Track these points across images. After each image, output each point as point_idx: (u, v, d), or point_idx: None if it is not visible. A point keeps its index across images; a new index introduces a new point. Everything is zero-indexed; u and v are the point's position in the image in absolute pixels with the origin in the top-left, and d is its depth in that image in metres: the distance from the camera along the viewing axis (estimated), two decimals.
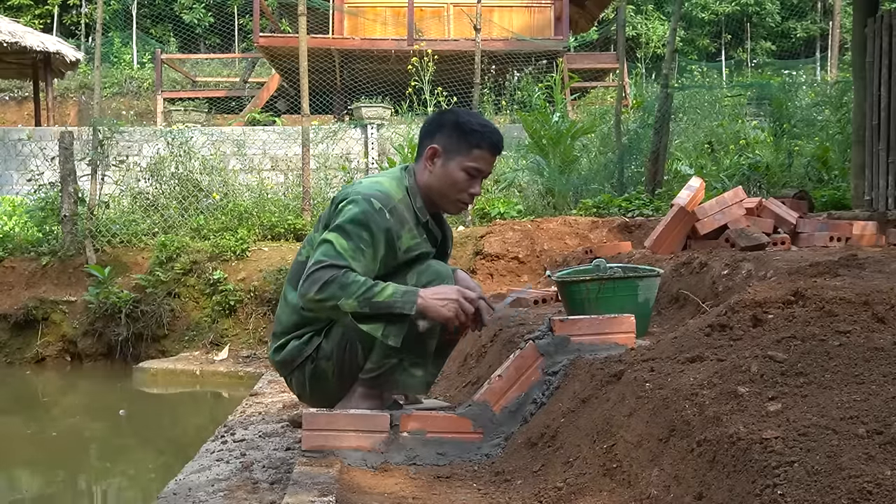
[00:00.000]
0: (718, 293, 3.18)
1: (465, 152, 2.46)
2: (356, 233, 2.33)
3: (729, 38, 25.61)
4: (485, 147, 2.47)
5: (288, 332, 2.53)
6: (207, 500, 2.05)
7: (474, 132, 2.46)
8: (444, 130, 2.49)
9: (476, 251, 6.02)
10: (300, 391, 2.60)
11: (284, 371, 2.57)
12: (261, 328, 6.30)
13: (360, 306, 2.27)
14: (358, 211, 2.35)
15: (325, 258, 2.30)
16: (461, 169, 2.46)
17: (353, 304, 2.26)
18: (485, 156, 2.48)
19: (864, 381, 1.52)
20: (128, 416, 4.88)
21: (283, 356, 2.52)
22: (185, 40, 22.22)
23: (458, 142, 2.46)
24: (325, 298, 2.27)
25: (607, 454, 1.76)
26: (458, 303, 2.31)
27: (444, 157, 2.47)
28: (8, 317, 6.61)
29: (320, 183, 8.40)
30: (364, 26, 14.12)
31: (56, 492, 3.68)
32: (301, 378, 2.53)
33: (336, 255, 2.30)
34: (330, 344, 2.46)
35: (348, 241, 2.31)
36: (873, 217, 4.70)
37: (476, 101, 8.44)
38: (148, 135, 11.30)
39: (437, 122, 2.53)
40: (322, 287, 2.26)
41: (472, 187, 2.50)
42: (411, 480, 2.05)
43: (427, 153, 2.49)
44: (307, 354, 2.48)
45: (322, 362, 2.47)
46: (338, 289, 2.26)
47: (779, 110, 8.46)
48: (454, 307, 2.30)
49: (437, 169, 2.48)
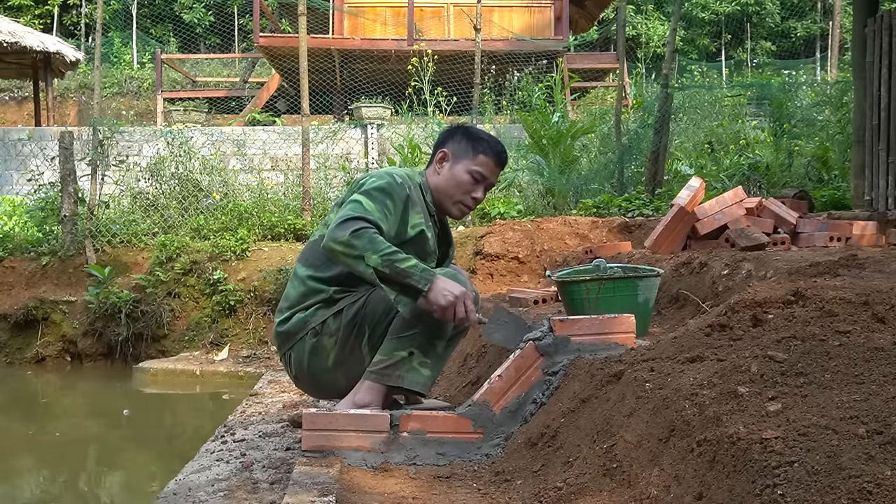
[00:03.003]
0: (718, 293, 3.18)
1: (471, 157, 2.66)
2: (381, 199, 2.49)
3: (729, 38, 25.62)
4: (490, 155, 2.66)
5: (294, 305, 2.62)
6: (207, 500, 2.05)
7: (481, 140, 2.69)
8: (455, 138, 2.71)
9: (476, 251, 6.01)
10: (297, 369, 2.64)
11: (286, 345, 2.63)
12: (261, 328, 6.30)
13: (382, 264, 2.35)
14: (382, 182, 2.54)
15: (356, 213, 2.42)
16: (466, 172, 2.65)
17: (377, 260, 2.35)
18: (489, 163, 2.67)
19: (864, 381, 1.52)
20: (128, 416, 4.88)
21: (287, 327, 2.61)
22: (185, 40, 22.22)
23: (465, 147, 2.67)
24: (354, 245, 2.36)
25: (607, 454, 1.76)
26: (458, 299, 2.38)
27: (453, 160, 2.68)
28: (8, 317, 6.61)
29: (320, 183, 8.40)
30: (364, 26, 14.11)
31: (56, 492, 3.68)
32: (300, 352, 2.59)
33: (365, 211, 2.44)
34: (338, 322, 2.55)
35: (375, 203, 2.47)
36: (873, 217, 4.69)
37: (476, 101, 8.44)
38: (148, 135, 11.31)
39: (450, 132, 2.75)
40: (354, 233, 2.36)
41: (476, 192, 2.68)
42: (411, 480, 2.05)
43: (437, 157, 2.71)
44: (311, 327, 2.57)
45: (325, 338, 2.56)
46: (367, 241, 2.36)
47: (779, 110, 8.46)
48: (451, 300, 2.37)
49: (445, 171, 2.68)
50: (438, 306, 2.37)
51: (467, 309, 2.39)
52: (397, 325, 2.50)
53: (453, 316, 2.39)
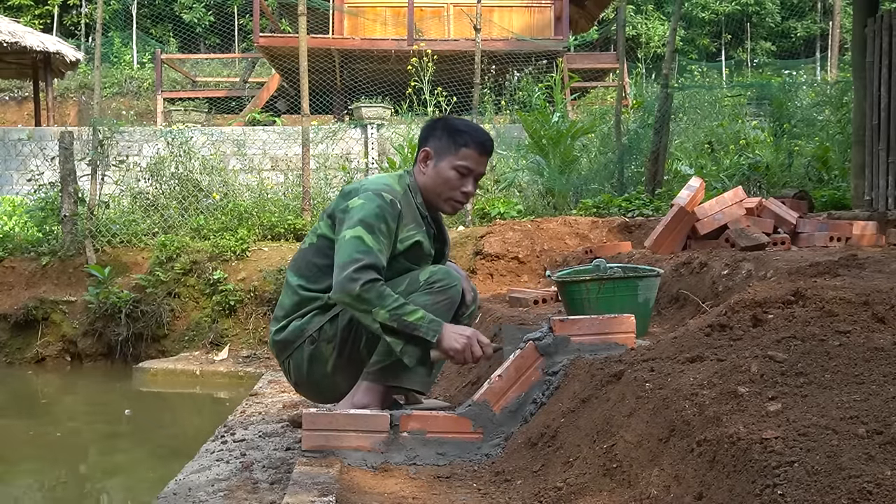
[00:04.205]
0: (718, 293, 3.18)
1: (453, 152, 2.59)
2: (378, 226, 2.46)
3: (729, 38, 25.61)
4: (472, 146, 2.59)
5: (290, 314, 2.61)
6: (207, 500, 2.05)
7: (461, 133, 2.61)
8: (436, 134, 2.64)
9: (476, 251, 6.01)
10: (297, 376, 2.63)
11: (284, 353, 2.62)
12: (261, 328, 6.30)
13: (390, 319, 2.37)
14: (374, 206, 2.48)
15: (362, 255, 2.40)
16: (451, 168, 2.59)
17: (384, 316, 2.37)
18: (472, 154, 2.60)
19: (864, 381, 1.52)
20: (130, 415, 4.88)
21: (284, 336, 2.60)
22: (185, 40, 22.22)
23: (446, 143, 2.61)
24: (363, 300, 2.37)
25: (607, 454, 1.76)
26: (470, 340, 2.42)
27: (436, 158, 2.62)
28: (8, 317, 6.60)
29: (320, 183, 8.40)
30: (364, 26, 14.11)
31: (56, 492, 3.67)
32: (299, 360, 2.59)
33: (368, 251, 2.42)
34: (334, 327, 2.54)
35: (373, 235, 2.44)
36: (873, 217, 4.69)
37: (476, 101, 8.44)
38: (148, 135, 11.31)
39: (430, 127, 2.68)
40: (364, 287, 2.36)
41: (465, 186, 2.62)
42: (411, 480, 2.05)
43: (420, 156, 2.65)
44: (308, 334, 2.56)
45: (322, 344, 2.55)
46: (376, 297, 2.37)
47: (779, 110, 8.46)
48: (465, 343, 2.41)
49: (430, 170, 2.62)
50: (454, 351, 2.41)
51: (482, 345, 2.43)
52: None
53: (472, 357, 2.43)
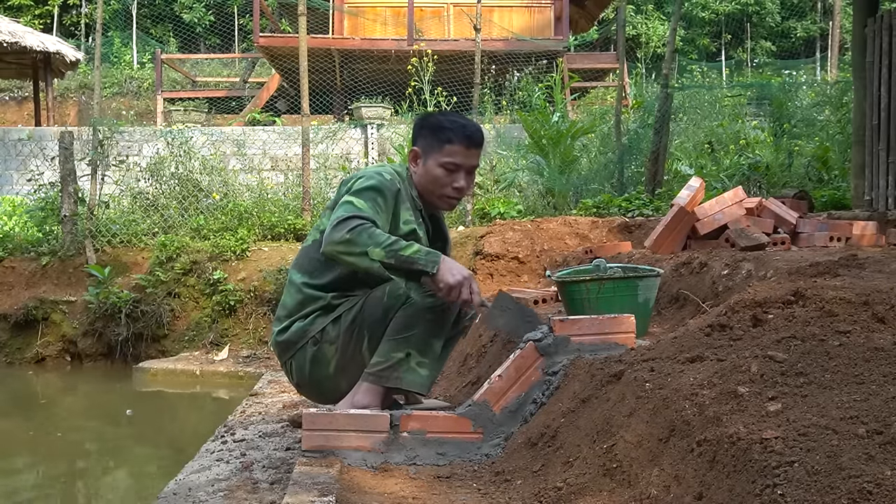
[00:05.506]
0: (718, 293, 3.18)
1: (438, 149, 2.60)
2: (372, 196, 2.48)
3: (729, 38, 25.61)
4: (457, 141, 2.58)
5: (292, 314, 2.60)
6: (207, 500, 2.05)
7: (444, 129, 2.60)
8: (422, 132, 2.65)
9: (476, 251, 6.01)
10: (299, 377, 2.63)
11: (286, 354, 2.62)
12: (261, 328, 6.30)
13: (387, 256, 2.36)
14: (372, 181, 2.51)
15: (348, 213, 2.41)
16: (438, 165, 2.60)
17: (380, 253, 2.35)
18: (458, 150, 2.59)
19: (864, 381, 1.52)
20: (131, 415, 4.88)
21: (286, 337, 2.60)
22: (185, 40, 22.21)
23: (431, 141, 2.61)
24: (355, 242, 2.36)
25: (607, 454, 1.76)
26: (465, 279, 2.39)
27: (424, 156, 2.63)
28: (8, 317, 6.61)
29: (320, 183, 8.40)
30: (364, 26, 14.11)
31: (56, 492, 3.67)
32: (301, 361, 2.58)
33: (357, 209, 2.43)
34: (337, 329, 2.54)
35: (366, 201, 2.46)
36: (873, 217, 4.69)
37: (476, 101, 8.44)
38: (148, 135, 11.31)
39: (417, 126, 2.69)
40: (352, 231, 2.36)
41: (456, 181, 2.61)
42: (411, 480, 2.05)
43: (410, 156, 2.68)
44: (311, 336, 2.56)
45: (325, 346, 2.55)
46: (367, 237, 2.36)
47: (779, 110, 8.46)
48: (459, 279, 2.38)
49: (420, 169, 2.64)
50: (446, 284, 2.37)
51: (472, 291, 2.39)
52: (394, 326, 2.49)
53: (458, 295, 2.38)
